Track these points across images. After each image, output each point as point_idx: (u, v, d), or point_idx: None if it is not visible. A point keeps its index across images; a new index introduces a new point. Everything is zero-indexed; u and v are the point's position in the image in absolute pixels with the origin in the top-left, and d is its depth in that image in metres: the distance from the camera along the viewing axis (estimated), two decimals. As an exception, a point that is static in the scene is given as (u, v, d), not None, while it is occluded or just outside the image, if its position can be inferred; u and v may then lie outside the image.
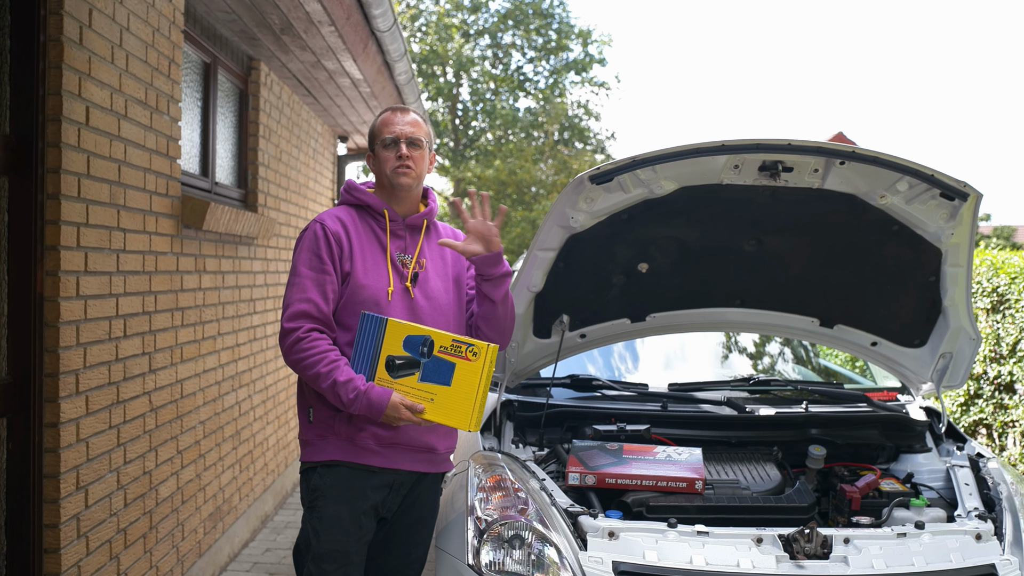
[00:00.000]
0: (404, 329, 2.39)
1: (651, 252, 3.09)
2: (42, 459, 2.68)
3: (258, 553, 4.71)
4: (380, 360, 2.40)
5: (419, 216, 2.62)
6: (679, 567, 2.35)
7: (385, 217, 2.56)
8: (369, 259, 2.51)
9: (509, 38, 25.12)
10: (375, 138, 2.61)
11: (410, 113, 2.62)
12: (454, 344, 2.38)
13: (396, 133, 2.57)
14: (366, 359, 2.40)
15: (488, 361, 2.36)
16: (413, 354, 2.39)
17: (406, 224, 2.59)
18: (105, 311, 2.99)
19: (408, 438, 2.48)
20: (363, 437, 2.43)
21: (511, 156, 23.01)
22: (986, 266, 5.83)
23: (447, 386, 2.37)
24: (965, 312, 3.03)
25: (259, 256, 5.03)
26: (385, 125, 2.59)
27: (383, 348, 2.39)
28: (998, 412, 5.65)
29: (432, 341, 2.38)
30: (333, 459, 2.45)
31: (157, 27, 3.40)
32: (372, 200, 2.57)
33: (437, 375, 2.38)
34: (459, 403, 2.37)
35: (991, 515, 2.65)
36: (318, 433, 2.48)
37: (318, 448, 2.47)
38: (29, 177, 2.64)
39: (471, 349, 2.37)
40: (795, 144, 2.66)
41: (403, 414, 2.36)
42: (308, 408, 2.50)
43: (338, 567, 2.42)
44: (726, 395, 3.43)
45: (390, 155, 2.56)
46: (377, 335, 2.40)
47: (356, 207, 2.59)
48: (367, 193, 2.59)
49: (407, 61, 5.73)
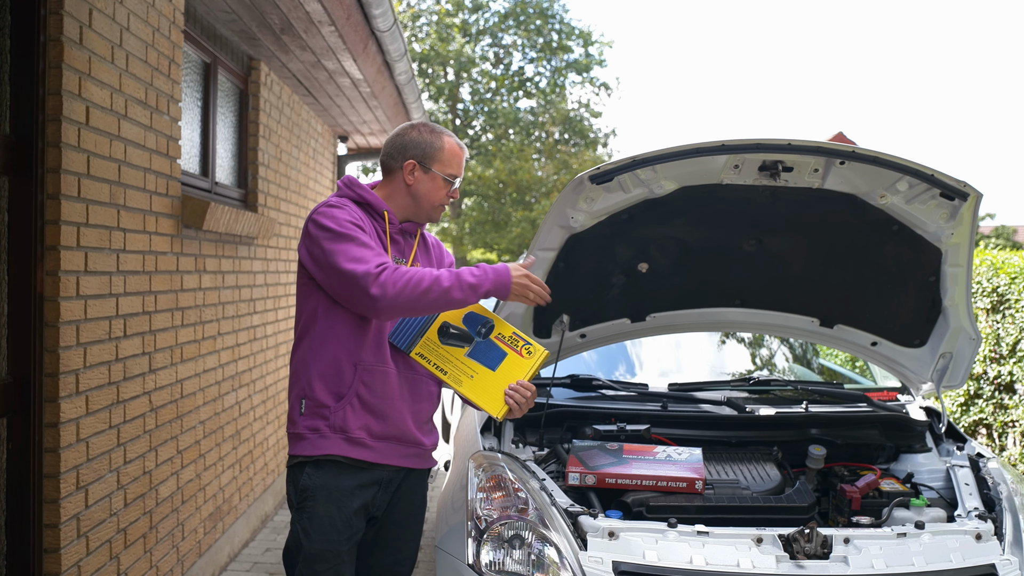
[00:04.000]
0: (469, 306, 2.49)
1: (651, 252, 3.09)
2: (42, 459, 2.68)
3: (258, 553, 4.71)
4: (434, 324, 2.47)
5: (413, 224, 2.61)
6: (679, 567, 2.35)
7: (385, 219, 2.55)
8: None
9: (510, 38, 25.13)
10: (435, 161, 2.54)
11: (467, 151, 2.66)
12: (512, 336, 2.48)
13: (460, 175, 2.60)
14: (418, 321, 2.47)
15: (538, 364, 2.45)
16: (470, 330, 2.48)
17: (402, 229, 2.59)
18: (105, 311, 2.99)
19: (399, 431, 2.48)
20: (357, 430, 2.42)
21: (511, 156, 23.01)
22: (986, 266, 5.83)
23: (491, 370, 2.44)
24: (965, 312, 3.03)
25: (259, 256, 5.03)
26: (454, 159, 2.57)
27: (441, 315, 2.47)
28: (998, 412, 5.65)
29: (493, 326, 2.49)
30: (325, 454, 2.42)
31: (157, 27, 3.40)
32: (374, 200, 2.54)
33: (485, 357, 2.46)
34: (496, 389, 2.43)
35: (991, 515, 2.65)
36: (310, 426, 2.43)
37: (310, 442, 2.43)
38: (29, 177, 2.64)
39: (527, 347, 2.46)
40: (795, 144, 2.66)
41: (528, 278, 2.40)
42: (301, 399, 2.45)
43: (330, 567, 2.41)
44: (726, 395, 3.43)
45: (444, 191, 2.57)
46: None
47: (358, 204, 2.55)
48: (369, 192, 2.55)
49: (407, 61, 5.73)
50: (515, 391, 2.43)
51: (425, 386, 2.55)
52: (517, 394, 2.43)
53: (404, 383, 2.50)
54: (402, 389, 2.49)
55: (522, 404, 2.44)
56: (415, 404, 2.53)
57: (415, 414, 2.53)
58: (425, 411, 2.57)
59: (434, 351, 2.46)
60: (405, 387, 2.50)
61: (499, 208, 23.12)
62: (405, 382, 2.50)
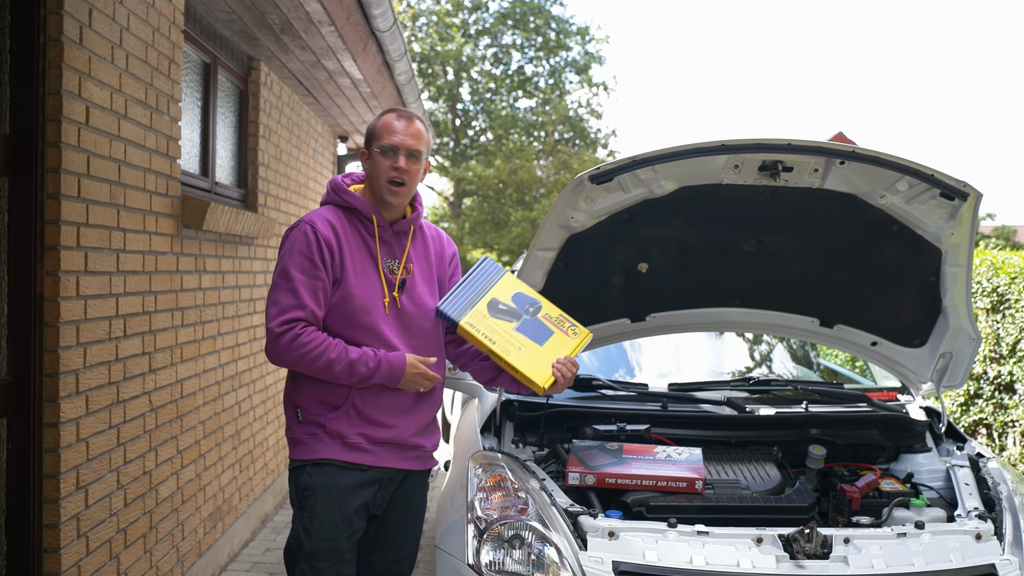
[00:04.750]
0: (517, 286, 2.62)
1: (651, 252, 3.09)
2: (42, 459, 2.68)
3: (258, 553, 4.71)
4: (484, 299, 2.55)
5: (406, 222, 2.56)
6: (679, 567, 2.35)
7: (373, 223, 2.51)
8: (359, 268, 2.46)
9: (509, 38, 25.13)
10: (373, 139, 2.50)
11: (415, 122, 2.51)
12: (559, 317, 2.62)
13: (396, 143, 2.46)
14: (468, 294, 2.55)
15: (581, 344, 2.60)
16: (518, 307, 2.58)
17: (393, 231, 2.55)
18: (105, 311, 2.99)
19: (400, 439, 2.48)
20: (355, 437, 2.43)
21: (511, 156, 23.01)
22: (986, 266, 5.83)
23: (539, 345, 2.55)
24: (965, 312, 3.03)
25: (259, 256, 5.03)
26: (387, 130, 2.48)
27: (491, 292, 2.57)
28: (998, 412, 5.65)
29: (541, 306, 2.61)
30: (323, 458, 2.43)
31: (157, 27, 3.40)
32: (360, 205, 2.50)
33: (533, 333, 2.57)
34: (544, 362, 2.53)
35: (991, 515, 2.65)
36: (308, 431, 2.46)
37: (308, 447, 2.46)
38: (29, 177, 2.64)
39: (573, 328, 2.62)
40: (795, 144, 2.66)
41: (421, 369, 2.43)
42: (296, 408, 2.49)
43: (330, 565, 2.42)
44: (726, 395, 3.43)
45: (386, 164, 2.46)
46: (490, 278, 2.59)
47: (343, 209, 2.52)
48: (355, 196, 2.51)
49: (407, 61, 5.73)
50: (563, 365, 2.52)
51: (429, 391, 2.55)
52: (564, 368, 2.52)
53: (406, 392, 2.50)
54: (401, 396, 2.49)
55: (568, 378, 2.54)
56: (416, 408, 2.52)
57: (416, 419, 2.53)
58: (426, 414, 2.57)
59: (483, 322, 2.53)
60: (407, 396, 2.50)
61: (499, 208, 23.11)
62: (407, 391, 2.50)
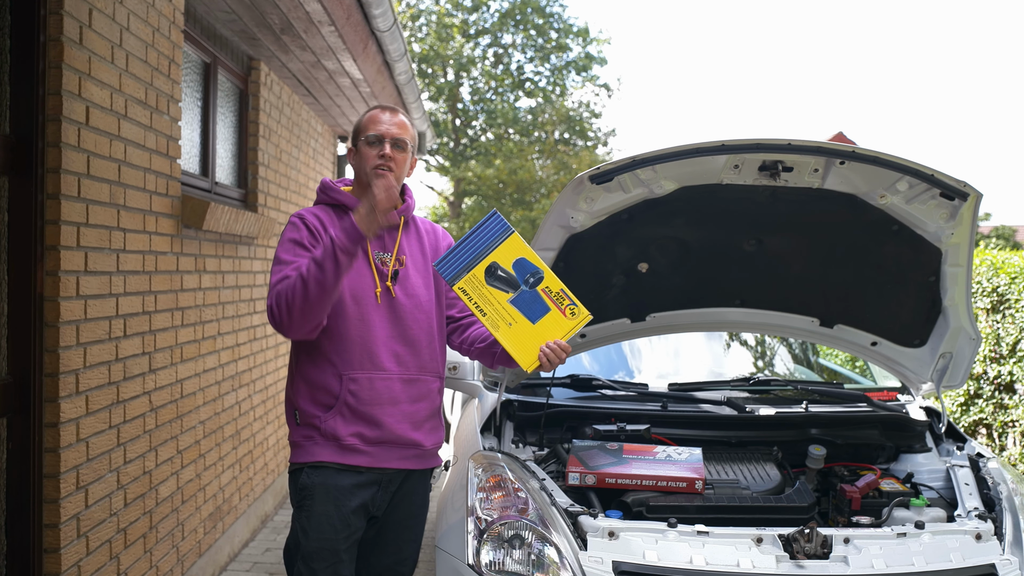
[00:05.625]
0: (522, 251, 2.42)
1: (651, 252, 3.09)
2: (42, 459, 2.68)
3: (258, 553, 4.71)
4: (484, 262, 2.40)
5: (395, 214, 2.57)
6: (679, 567, 2.35)
7: None
8: None
9: (509, 38, 25.13)
10: (359, 133, 2.57)
11: (398, 114, 2.58)
12: (559, 293, 2.43)
13: (381, 132, 2.52)
14: (469, 254, 2.41)
15: (578, 325, 2.43)
16: (518, 276, 2.42)
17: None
18: (105, 311, 2.99)
19: (395, 436, 2.48)
20: (349, 438, 2.44)
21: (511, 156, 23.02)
22: (986, 266, 5.83)
23: (531, 323, 2.41)
24: (965, 312, 3.03)
25: (259, 256, 5.03)
26: (371, 122, 2.55)
27: (492, 255, 2.41)
28: (998, 412, 5.65)
29: (542, 277, 2.42)
30: (320, 460, 2.45)
31: (157, 27, 3.40)
32: (348, 200, 2.55)
33: (528, 308, 2.41)
34: (532, 342, 2.41)
35: (991, 515, 2.65)
36: (304, 435, 2.48)
37: (305, 450, 2.48)
38: (29, 177, 2.64)
39: (572, 308, 2.43)
40: (795, 144, 2.66)
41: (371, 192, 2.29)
42: (294, 411, 2.51)
43: (327, 565, 2.42)
44: (726, 395, 3.43)
45: (372, 153, 2.52)
46: (494, 239, 2.41)
47: (332, 206, 2.57)
48: (343, 192, 2.57)
49: (407, 61, 5.73)
50: (551, 349, 2.41)
51: (424, 384, 2.55)
52: (552, 352, 2.41)
53: (399, 384, 2.50)
54: (395, 392, 2.49)
55: (554, 362, 2.43)
56: (412, 405, 2.52)
57: (412, 415, 2.52)
58: (423, 411, 2.56)
59: (477, 289, 2.40)
60: (400, 389, 2.50)
61: (499, 208, 23.15)
62: (400, 383, 2.49)
